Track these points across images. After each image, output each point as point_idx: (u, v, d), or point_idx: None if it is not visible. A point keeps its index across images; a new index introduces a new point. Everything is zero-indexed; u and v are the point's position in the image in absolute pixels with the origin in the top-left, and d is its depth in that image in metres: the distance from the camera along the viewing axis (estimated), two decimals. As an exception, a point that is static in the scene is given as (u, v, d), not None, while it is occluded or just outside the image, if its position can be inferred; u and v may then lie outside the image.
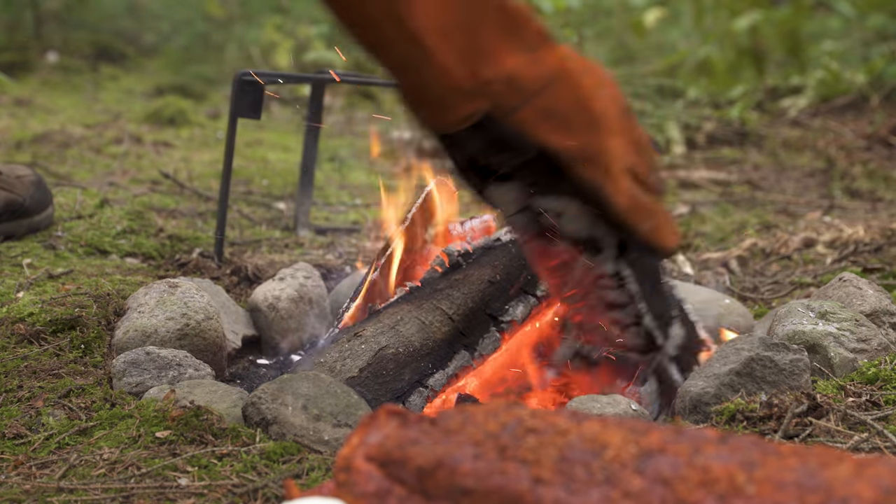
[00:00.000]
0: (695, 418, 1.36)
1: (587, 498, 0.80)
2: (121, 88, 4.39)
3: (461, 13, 1.16)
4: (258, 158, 3.15)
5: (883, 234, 2.20)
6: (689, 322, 1.52)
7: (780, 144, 3.33)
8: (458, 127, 1.20)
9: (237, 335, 1.69)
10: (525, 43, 1.20)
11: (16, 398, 1.36)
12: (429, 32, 1.14)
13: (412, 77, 1.18)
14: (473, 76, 1.17)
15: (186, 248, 2.06)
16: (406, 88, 1.20)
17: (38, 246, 1.97)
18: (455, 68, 1.16)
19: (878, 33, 4.12)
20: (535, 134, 1.22)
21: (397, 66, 1.18)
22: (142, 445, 1.23)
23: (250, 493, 1.13)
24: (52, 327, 1.52)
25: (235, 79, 1.88)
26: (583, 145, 1.24)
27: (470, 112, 1.19)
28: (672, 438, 0.82)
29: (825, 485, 0.76)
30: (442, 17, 1.14)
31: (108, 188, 2.55)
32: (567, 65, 1.24)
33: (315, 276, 1.80)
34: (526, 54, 1.20)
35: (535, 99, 1.21)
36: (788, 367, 1.37)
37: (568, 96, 1.23)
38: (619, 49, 4.42)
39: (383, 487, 0.85)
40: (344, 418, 1.26)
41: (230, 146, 1.90)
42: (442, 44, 1.15)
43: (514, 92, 1.20)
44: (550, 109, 1.22)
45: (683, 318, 1.50)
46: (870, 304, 1.58)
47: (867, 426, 1.26)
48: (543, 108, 1.22)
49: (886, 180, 2.88)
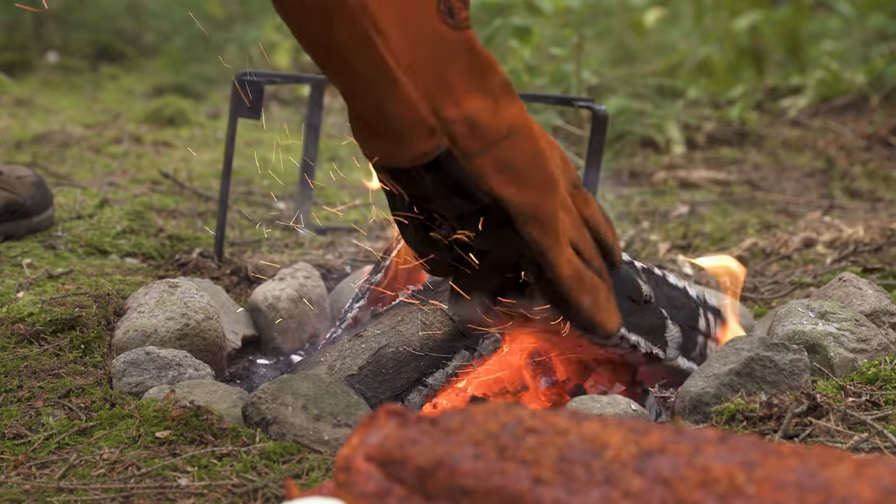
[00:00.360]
0: (695, 418, 1.36)
1: (587, 498, 0.80)
2: (121, 88, 4.39)
3: (431, 49, 1.15)
4: (258, 158, 3.15)
5: (883, 234, 2.20)
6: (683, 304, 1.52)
7: (779, 144, 3.33)
8: (414, 163, 1.18)
9: (237, 335, 1.70)
10: (489, 89, 1.19)
11: (16, 398, 1.36)
12: (397, 64, 1.13)
13: (374, 107, 1.16)
14: (436, 113, 1.16)
15: (186, 248, 2.06)
16: (365, 118, 1.18)
17: (38, 246, 1.97)
18: (420, 102, 1.15)
19: (878, 33, 4.12)
20: (489, 183, 1.20)
21: (360, 94, 1.16)
22: (142, 445, 1.23)
23: (250, 493, 1.13)
24: (52, 327, 1.52)
25: (235, 79, 1.88)
26: (536, 203, 1.23)
27: (429, 148, 1.17)
28: (672, 438, 0.82)
29: (825, 485, 0.76)
30: (412, 51, 1.14)
31: (107, 188, 2.55)
32: (528, 120, 1.23)
33: (315, 276, 1.80)
34: (489, 100, 1.19)
35: (494, 147, 1.20)
36: (788, 367, 1.37)
37: (526, 151, 1.22)
38: (619, 49, 4.42)
39: (383, 487, 0.85)
40: (344, 418, 1.26)
41: (230, 146, 1.90)
42: (409, 77, 1.14)
43: (474, 136, 1.18)
44: (508, 161, 1.21)
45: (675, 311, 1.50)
46: (870, 304, 1.58)
47: (867, 426, 1.26)
48: (501, 159, 1.20)
49: (886, 180, 2.88)
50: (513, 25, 3.12)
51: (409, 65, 1.14)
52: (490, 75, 1.20)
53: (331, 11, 1.12)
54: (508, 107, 1.21)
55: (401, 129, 1.16)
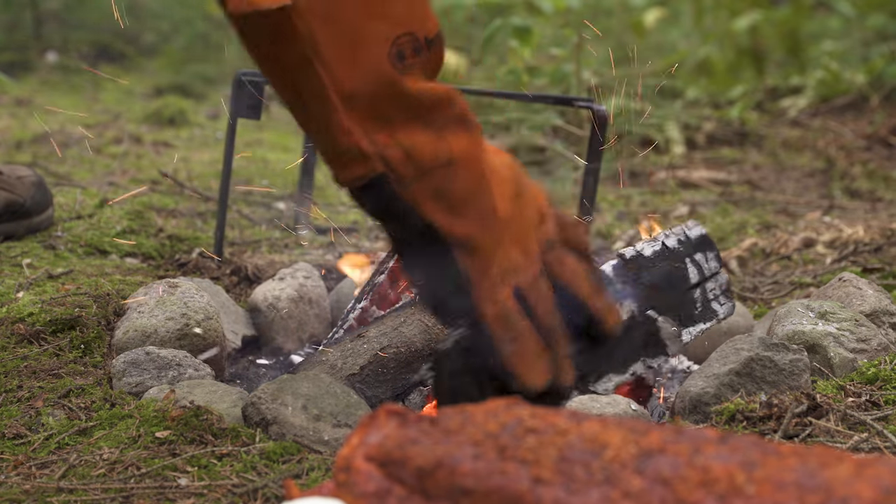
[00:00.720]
0: (694, 418, 1.36)
1: (587, 498, 0.80)
2: (120, 88, 4.39)
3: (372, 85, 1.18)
4: (258, 158, 3.15)
5: (883, 234, 2.20)
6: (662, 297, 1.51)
7: (779, 144, 3.33)
8: (352, 184, 1.22)
9: (237, 335, 1.70)
10: (432, 123, 1.22)
11: (16, 398, 1.36)
12: (336, 92, 1.17)
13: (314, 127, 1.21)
14: (371, 140, 1.19)
15: (186, 248, 2.07)
16: (310, 136, 1.23)
17: (38, 246, 1.97)
18: (355, 129, 1.18)
19: (878, 33, 4.12)
20: (423, 209, 1.23)
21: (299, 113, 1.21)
22: (142, 445, 1.23)
23: (250, 493, 1.13)
24: (51, 327, 1.52)
25: (235, 79, 1.88)
26: (468, 234, 1.25)
27: (362, 173, 1.21)
28: (672, 438, 0.82)
29: (825, 485, 0.76)
30: (352, 83, 1.17)
31: (107, 188, 2.55)
32: (477, 154, 1.25)
33: (315, 276, 1.80)
34: (429, 132, 1.22)
35: (430, 175, 1.23)
36: (788, 368, 1.37)
37: (466, 182, 1.25)
38: (619, 49, 4.42)
39: (383, 487, 0.85)
40: (344, 418, 1.26)
41: (230, 146, 1.90)
42: (346, 105, 1.18)
43: (409, 163, 1.22)
44: (444, 189, 1.24)
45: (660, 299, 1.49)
46: (869, 304, 1.58)
47: (867, 426, 1.26)
48: (437, 187, 1.23)
49: (886, 180, 2.88)
50: (513, 25, 3.12)
51: (348, 95, 1.18)
52: (437, 112, 1.23)
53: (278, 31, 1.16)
54: (455, 138, 1.25)
55: (337, 152, 1.21)
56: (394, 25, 1.19)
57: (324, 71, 1.17)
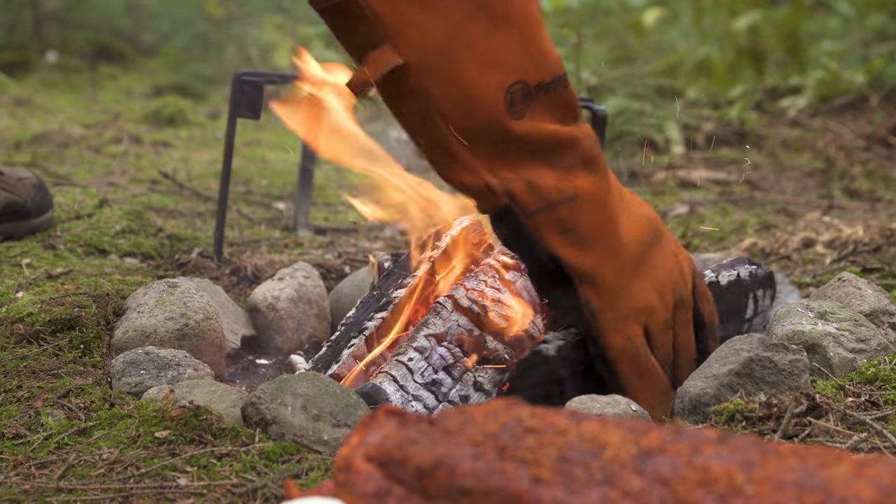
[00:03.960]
0: (694, 419, 1.36)
1: (586, 498, 0.80)
2: (120, 88, 4.39)
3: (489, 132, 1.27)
4: (258, 158, 3.15)
5: (882, 234, 2.20)
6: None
7: (779, 144, 3.33)
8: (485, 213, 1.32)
9: (236, 335, 1.69)
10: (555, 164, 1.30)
11: (15, 398, 1.36)
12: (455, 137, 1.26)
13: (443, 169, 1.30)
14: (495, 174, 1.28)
15: (186, 248, 2.06)
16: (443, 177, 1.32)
17: (38, 246, 1.97)
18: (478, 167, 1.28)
19: (877, 33, 4.12)
20: (548, 242, 1.30)
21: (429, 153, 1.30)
22: (141, 445, 1.23)
23: (250, 493, 1.13)
24: (51, 327, 1.51)
25: (234, 79, 1.88)
26: (594, 267, 1.31)
27: (490, 205, 1.29)
28: (671, 438, 0.82)
29: (824, 485, 0.76)
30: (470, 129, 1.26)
31: (107, 188, 2.55)
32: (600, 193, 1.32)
33: (314, 276, 1.80)
34: (555, 171, 1.30)
35: (555, 208, 1.29)
36: (788, 368, 1.37)
37: (593, 217, 1.31)
38: (619, 49, 4.42)
39: (382, 487, 0.85)
40: (343, 418, 1.26)
41: (229, 146, 1.90)
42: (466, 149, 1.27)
43: (533, 195, 1.28)
44: (570, 223, 1.30)
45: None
46: (869, 304, 1.58)
47: (866, 426, 1.26)
48: (562, 220, 1.30)
49: (886, 180, 2.88)
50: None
51: (467, 139, 1.26)
52: (559, 153, 1.30)
53: (393, 90, 1.24)
54: (580, 178, 1.31)
55: (465, 189, 1.30)
56: (507, 74, 1.26)
57: (441, 120, 1.24)
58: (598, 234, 1.31)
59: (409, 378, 1.40)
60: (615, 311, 1.32)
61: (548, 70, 1.27)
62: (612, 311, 1.32)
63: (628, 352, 1.32)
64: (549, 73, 1.27)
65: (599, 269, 1.31)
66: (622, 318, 1.32)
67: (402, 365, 1.41)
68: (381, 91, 1.25)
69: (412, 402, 1.38)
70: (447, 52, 1.21)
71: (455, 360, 1.43)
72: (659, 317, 1.35)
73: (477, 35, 1.22)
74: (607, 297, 1.31)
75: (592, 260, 1.31)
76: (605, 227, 1.31)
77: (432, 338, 1.44)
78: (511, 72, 1.24)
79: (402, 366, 1.41)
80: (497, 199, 1.28)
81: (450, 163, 1.27)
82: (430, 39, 1.21)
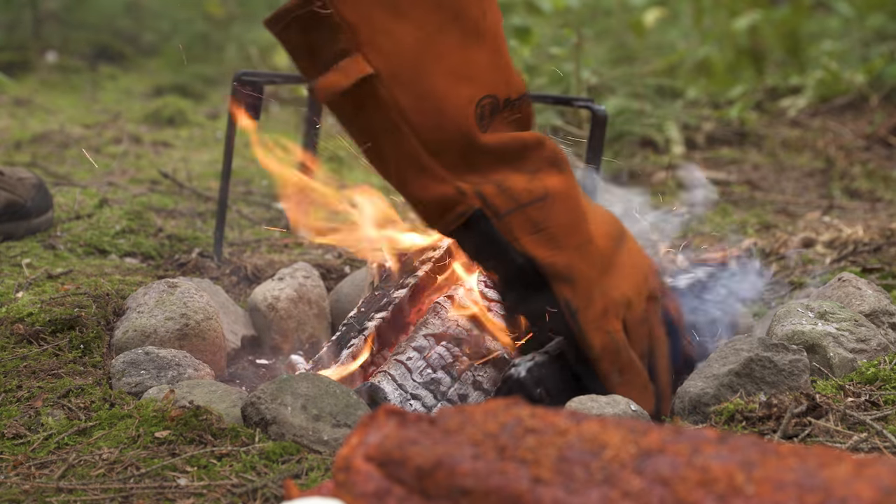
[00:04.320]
0: (694, 419, 1.36)
1: (586, 498, 0.80)
2: (120, 88, 4.38)
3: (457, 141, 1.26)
4: (258, 158, 3.14)
5: (882, 234, 2.20)
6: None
7: (779, 144, 3.33)
8: (450, 226, 1.29)
9: (236, 335, 1.69)
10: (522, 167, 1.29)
11: (15, 398, 1.36)
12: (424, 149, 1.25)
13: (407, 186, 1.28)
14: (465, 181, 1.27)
15: (185, 248, 2.06)
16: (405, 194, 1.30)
17: (38, 246, 1.97)
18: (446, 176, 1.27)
19: (877, 33, 4.12)
20: (522, 242, 1.29)
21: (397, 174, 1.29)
22: (141, 445, 1.23)
23: (249, 493, 1.13)
24: (51, 327, 1.51)
25: (234, 79, 1.88)
26: (568, 264, 1.30)
27: (462, 210, 1.27)
28: (671, 438, 0.82)
29: (824, 485, 0.76)
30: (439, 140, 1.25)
31: (107, 188, 2.55)
32: (569, 190, 1.31)
33: (314, 276, 1.80)
34: (522, 174, 1.29)
35: (526, 208, 1.29)
36: (788, 368, 1.37)
37: (563, 215, 1.30)
38: (619, 49, 4.42)
39: (382, 487, 0.85)
40: (343, 418, 1.26)
41: (229, 146, 1.90)
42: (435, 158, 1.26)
43: (504, 196, 1.28)
44: (541, 222, 1.29)
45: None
46: (869, 304, 1.58)
47: (866, 426, 1.26)
48: (534, 219, 1.29)
49: (885, 180, 2.88)
50: (513, 25, 3.12)
51: (436, 151, 1.25)
52: (526, 156, 1.30)
53: (361, 101, 1.23)
54: (548, 177, 1.31)
55: (432, 201, 1.28)
56: (478, 88, 1.26)
57: (409, 131, 1.23)
58: (569, 231, 1.31)
59: (408, 377, 1.40)
60: (594, 308, 1.31)
61: (515, 87, 1.30)
62: (592, 307, 1.31)
63: (609, 347, 1.32)
64: (516, 90, 1.30)
65: (574, 267, 1.30)
66: (602, 314, 1.32)
67: (400, 364, 1.41)
68: (346, 103, 1.23)
69: (411, 401, 1.38)
70: (419, 63, 1.21)
71: (454, 359, 1.43)
72: (636, 310, 1.35)
73: (449, 48, 1.22)
74: (584, 294, 1.31)
75: (566, 258, 1.30)
76: (576, 225, 1.31)
77: (431, 337, 1.44)
78: (482, 86, 1.25)
79: (400, 365, 1.41)
80: (467, 202, 1.27)
81: (417, 175, 1.26)
82: (402, 48, 1.20)
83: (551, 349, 1.37)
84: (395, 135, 1.23)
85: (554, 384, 1.35)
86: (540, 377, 1.34)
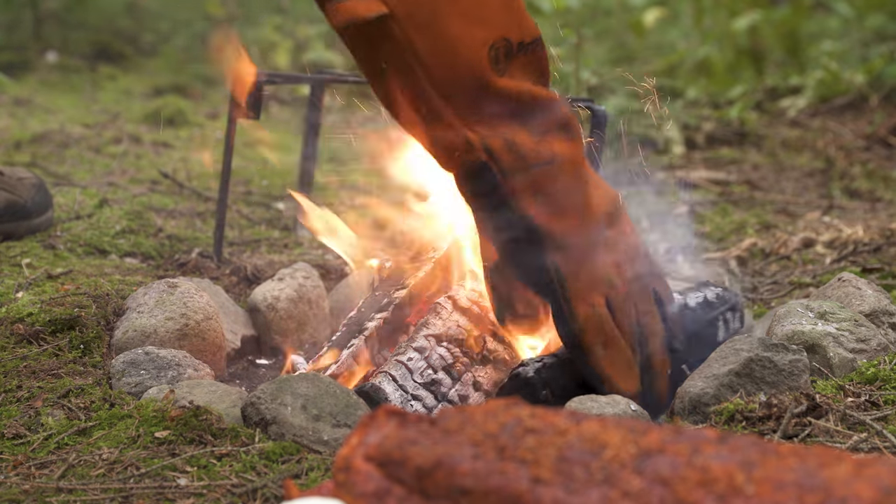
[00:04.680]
0: (694, 419, 1.36)
1: (586, 498, 0.80)
2: (119, 88, 4.38)
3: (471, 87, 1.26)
4: (258, 158, 3.14)
5: (882, 234, 2.20)
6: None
7: (779, 144, 3.33)
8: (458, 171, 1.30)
9: (236, 335, 1.69)
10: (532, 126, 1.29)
11: (15, 398, 1.36)
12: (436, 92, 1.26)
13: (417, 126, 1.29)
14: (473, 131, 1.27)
15: (186, 248, 2.06)
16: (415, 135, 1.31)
17: (38, 246, 1.97)
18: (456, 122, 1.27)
19: (877, 33, 4.12)
20: (523, 203, 1.29)
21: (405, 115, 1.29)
22: (141, 445, 1.23)
23: (249, 494, 1.13)
24: (51, 327, 1.51)
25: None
26: (565, 232, 1.30)
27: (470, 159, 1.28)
28: (671, 438, 0.82)
29: (824, 485, 0.76)
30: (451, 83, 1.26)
31: (107, 188, 2.55)
32: (576, 159, 1.32)
33: (314, 276, 1.80)
34: (531, 133, 1.29)
35: (532, 170, 1.29)
36: (788, 368, 1.37)
37: (566, 182, 1.30)
38: (619, 49, 4.42)
39: (382, 487, 0.85)
40: (343, 418, 1.26)
41: (229, 146, 1.90)
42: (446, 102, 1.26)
43: (512, 154, 1.28)
44: (545, 186, 1.29)
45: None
46: (869, 305, 1.58)
47: (866, 426, 1.26)
48: (538, 183, 1.29)
49: (885, 180, 2.88)
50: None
51: (448, 94, 1.25)
52: (537, 113, 1.30)
53: (376, 38, 1.23)
54: (557, 142, 1.31)
55: (441, 145, 1.29)
56: (491, 31, 1.26)
57: (422, 73, 1.23)
58: (570, 198, 1.31)
59: (409, 377, 1.40)
60: (581, 280, 1.32)
61: (528, 31, 1.29)
62: (579, 279, 1.32)
63: (592, 320, 1.32)
64: (530, 33, 1.29)
65: (569, 235, 1.31)
66: (587, 287, 1.32)
67: (401, 364, 1.41)
68: (361, 39, 1.24)
69: (411, 402, 1.38)
70: (434, 4, 1.22)
71: (455, 359, 1.43)
72: (618, 288, 1.35)
73: None
74: (575, 264, 1.31)
75: (564, 225, 1.30)
76: (578, 193, 1.31)
77: (432, 338, 1.44)
78: (495, 28, 1.26)
79: (401, 365, 1.41)
80: (474, 154, 1.27)
81: (426, 119, 1.27)
82: None
83: (560, 353, 1.37)
84: (408, 76, 1.24)
85: (560, 387, 1.35)
86: (547, 379, 1.34)
